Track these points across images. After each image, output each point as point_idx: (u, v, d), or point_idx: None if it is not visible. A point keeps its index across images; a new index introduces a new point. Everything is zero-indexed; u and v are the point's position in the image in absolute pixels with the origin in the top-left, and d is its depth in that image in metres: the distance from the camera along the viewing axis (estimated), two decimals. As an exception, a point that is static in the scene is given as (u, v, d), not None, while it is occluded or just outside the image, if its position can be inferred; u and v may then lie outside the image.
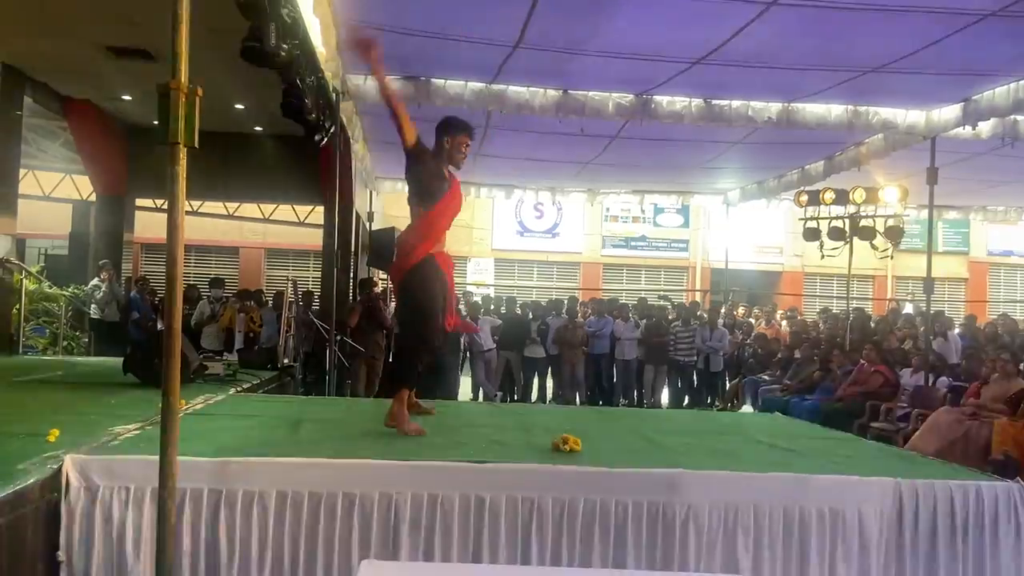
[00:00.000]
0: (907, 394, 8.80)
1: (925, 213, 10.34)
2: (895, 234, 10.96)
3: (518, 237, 20.50)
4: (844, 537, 3.41)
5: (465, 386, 11.92)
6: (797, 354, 11.17)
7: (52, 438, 3.53)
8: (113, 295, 11.09)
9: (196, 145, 2.58)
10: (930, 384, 8.66)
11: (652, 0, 6.05)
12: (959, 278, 21.43)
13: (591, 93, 8.32)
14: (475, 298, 13.71)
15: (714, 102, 8.45)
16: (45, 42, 8.61)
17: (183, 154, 2.57)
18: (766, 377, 11.35)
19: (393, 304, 11.66)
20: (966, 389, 8.09)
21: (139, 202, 13.86)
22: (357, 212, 12.10)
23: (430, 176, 4.41)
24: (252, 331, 10.62)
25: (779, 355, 11.67)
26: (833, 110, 8.53)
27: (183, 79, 2.52)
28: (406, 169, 4.49)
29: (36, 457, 3.20)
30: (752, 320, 14.33)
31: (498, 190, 14.70)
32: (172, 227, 2.59)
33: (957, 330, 11.74)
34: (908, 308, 15.39)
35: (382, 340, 10.00)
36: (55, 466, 3.15)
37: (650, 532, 3.34)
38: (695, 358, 12.28)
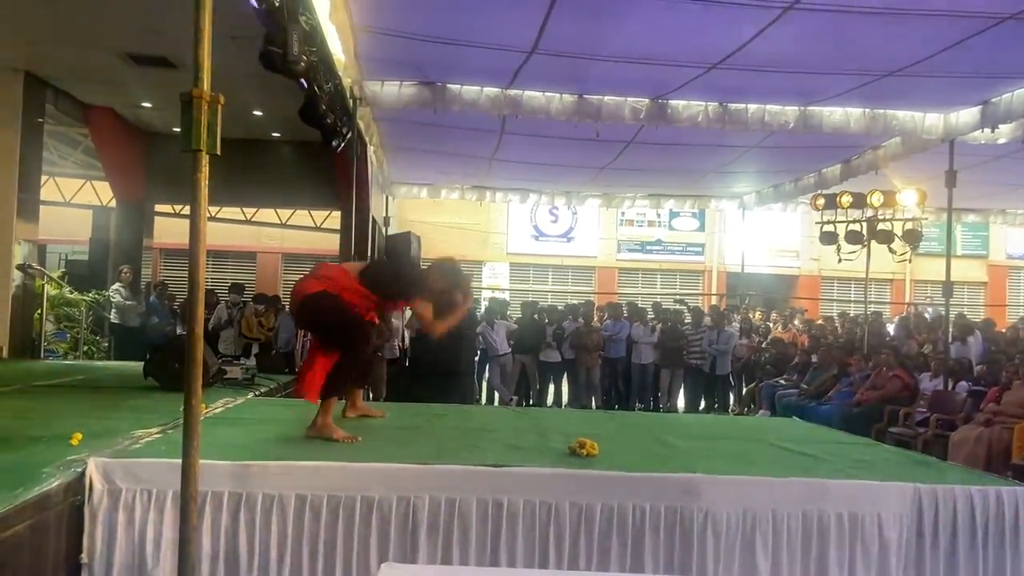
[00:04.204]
0: (926, 399, 8.73)
1: (943, 216, 10.27)
2: (913, 237, 10.88)
3: (533, 241, 20.51)
4: (863, 543, 3.39)
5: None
6: (814, 358, 11.11)
7: (75, 442, 3.57)
8: (133, 296, 11.22)
9: (218, 152, 2.61)
10: (949, 389, 8.59)
11: (668, 5, 6.06)
12: (978, 282, 21.23)
13: (607, 97, 8.33)
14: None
15: (730, 106, 8.44)
16: (67, 51, 8.72)
17: (205, 161, 2.61)
18: (783, 381, 11.29)
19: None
20: (985, 394, 8.02)
21: (158, 207, 13.99)
22: (373, 217, 12.15)
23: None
24: (264, 336, 10.69)
25: (796, 359, 11.61)
26: (851, 114, 8.50)
27: (206, 87, 2.55)
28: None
29: (60, 460, 3.24)
30: (770, 324, 14.27)
31: (513, 194, 14.73)
32: (194, 233, 2.62)
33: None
34: (927, 312, 15.28)
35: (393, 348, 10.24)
36: (79, 469, 3.19)
37: (668, 537, 3.33)
38: (703, 361, 12.25)
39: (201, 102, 2.54)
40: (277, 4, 5.06)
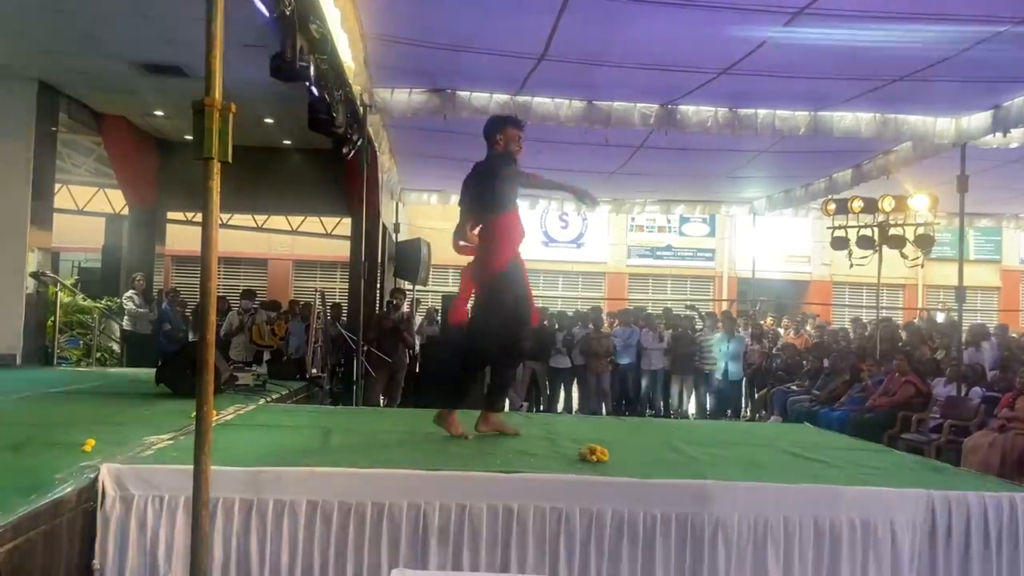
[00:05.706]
0: (939, 405, 8.67)
1: (956, 221, 10.21)
2: (925, 243, 10.82)
3: (543, 247, 20.50)
4: (876, 550, 3.37)
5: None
6: (826, 364, 11.05)
7: (88, 448, 3.59)
8: (146, 303, 11.31)
9: (230, 160, 2.63)
10: (963, 394, 8.53)
11: (678, 10, 6.06)
12: (991, 287, 21.10)
13: (616, 104, 8.32)
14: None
15: (740, 111, 8.42)
16: (80, 60, 8.79)
17: (217, 169, 2.62)
18: (794, 387, 11.24)
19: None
20: (999, 400, 7.96)
21: (170, 215, 14.07)
22: (383, 223, 12.19)
23: (508, 181, 4.63)
24: (275, 343, 10.74)
25: (807, 365, 11.55)
26: (861, 118, 8.46)
27: (217, 96, 2.57)
28: (484, 177, 4.64)
29: (73, 467, 3.26)
30: (780, 330, 14.20)
31: (523, 200, 14.70)
32: (206, 241, 2.64)
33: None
34: (940, 317, 15.19)
35: (405, 354, 10.61)
36: (92, 475, 3.21)
37: (679, 544, 3.32)
38: (714, 367, 12.20)
39: (213, 110, 2.55)
40: (288, 13, 5.09)
